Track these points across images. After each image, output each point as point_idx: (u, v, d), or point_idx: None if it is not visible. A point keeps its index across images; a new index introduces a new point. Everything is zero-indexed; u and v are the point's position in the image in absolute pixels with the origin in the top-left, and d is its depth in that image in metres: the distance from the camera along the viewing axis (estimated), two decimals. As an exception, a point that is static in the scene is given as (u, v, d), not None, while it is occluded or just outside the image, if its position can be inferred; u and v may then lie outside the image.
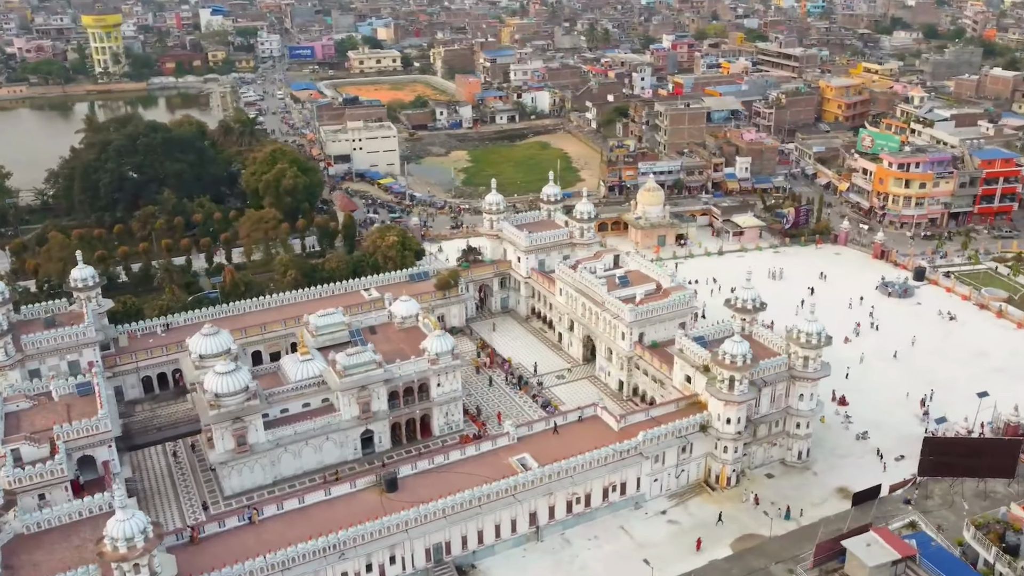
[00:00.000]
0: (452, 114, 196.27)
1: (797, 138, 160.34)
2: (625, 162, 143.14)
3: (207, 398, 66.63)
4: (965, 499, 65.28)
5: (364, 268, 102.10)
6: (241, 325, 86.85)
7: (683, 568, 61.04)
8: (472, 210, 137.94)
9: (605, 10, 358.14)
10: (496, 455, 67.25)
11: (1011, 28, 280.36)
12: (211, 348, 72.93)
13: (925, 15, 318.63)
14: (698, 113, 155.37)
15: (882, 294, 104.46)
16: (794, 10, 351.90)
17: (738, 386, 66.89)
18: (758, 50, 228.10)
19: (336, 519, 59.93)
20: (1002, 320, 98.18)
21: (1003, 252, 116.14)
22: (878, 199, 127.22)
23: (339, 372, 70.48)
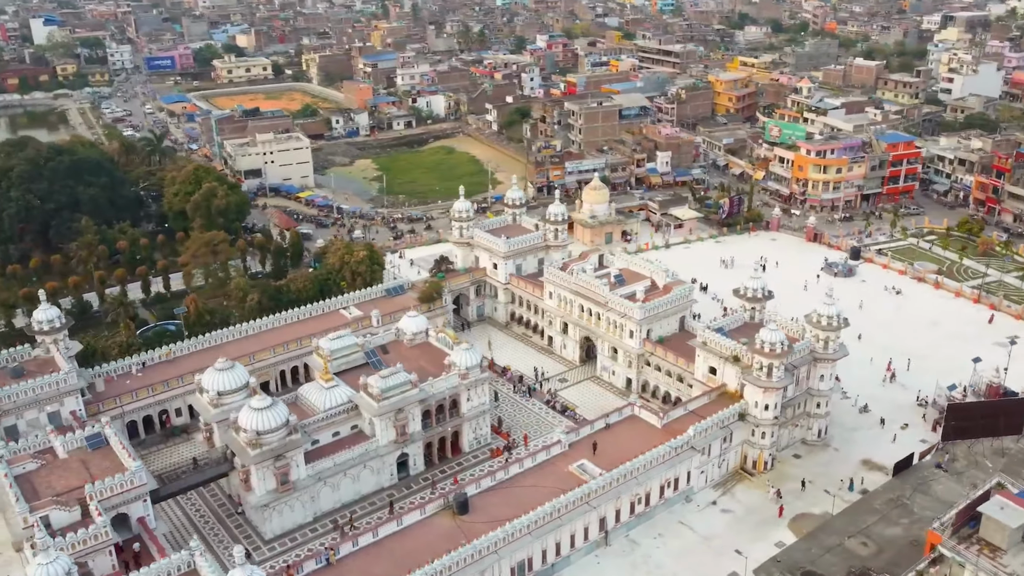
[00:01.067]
0: (348, 122, 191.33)
1: (699, 131, 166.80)
2: (552, 162, 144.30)
3: (246, 437, 62.14)
4: (987, 458, 70.41)
5: (331, 286, 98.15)
6: (231, 356, 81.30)
7: (757, 554, 62.44)
8: (405, 219, 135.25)
9: (463, 11, 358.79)
10: (554, 464, 66.48)
11: (849, 21, 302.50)
12: (229, 383, 67.95)
13: (768, 10, 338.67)
14: (611, 111, 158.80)
15: (828, 274, 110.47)
16: (646, 8, 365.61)
17: (776, 372, 69.18)
18: (638, 48, 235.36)
19: (414, 548, 57.55)
20: (940, 291, 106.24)
21: (918, 228, 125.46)
22: (798, 185, 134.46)
23: (376, 396, 67.50)
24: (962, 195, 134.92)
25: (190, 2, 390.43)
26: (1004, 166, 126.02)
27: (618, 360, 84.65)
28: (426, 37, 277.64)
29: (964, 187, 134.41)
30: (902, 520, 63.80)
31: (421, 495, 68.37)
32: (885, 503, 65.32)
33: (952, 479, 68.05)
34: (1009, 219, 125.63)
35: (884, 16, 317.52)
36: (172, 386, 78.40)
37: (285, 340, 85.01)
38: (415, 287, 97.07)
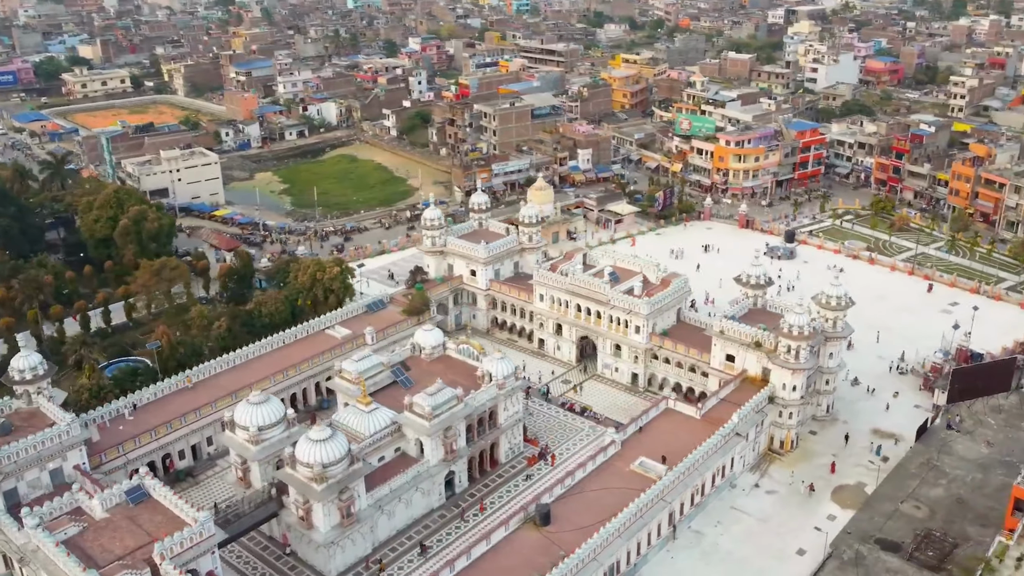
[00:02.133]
0: (238, 134, 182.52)
1: (604, 127, 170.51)
2: (479, 165, 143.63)
3: (310, 472, 58.45)
4: (987, 415, 76.38)
5: (312, 306, 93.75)
6: (226, 390, 76.58)
7: (825, 530, 64.91)
8: (339, 232, 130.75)
9: (317, 15, 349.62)
10: (614, 465, 66.63)
11: (701, 17, 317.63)
12: (268, 417, 63.66)
13: (621, 8, 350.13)
14: (524, 111, 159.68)
15: (771, 258, 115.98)
16: (502, 8, 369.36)
17: (803, 354, 72.21)
18: (519, 48, 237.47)
19: (512, 566, 56.45)
20: (876, 267, 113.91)
21: (832, 209, 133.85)
22: (719, 175, 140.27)
23: (427, 415, 65.18)
24: (863, 176, 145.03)
25: (6, 11, 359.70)
26: (903, 147, 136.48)
27: (622, 356, 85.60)
28: (294, 43, 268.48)
29: (865, 169, 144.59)
30: (940, 481, 68.21)
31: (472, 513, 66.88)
32: (918, 467, 69.62)
33: (966, 438, 73.39)
34: (910, 196, 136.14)
35: (730, 11, 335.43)
36: (175, 427, 72.74)
37: (282, 367, 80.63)
38: (395, 300, 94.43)
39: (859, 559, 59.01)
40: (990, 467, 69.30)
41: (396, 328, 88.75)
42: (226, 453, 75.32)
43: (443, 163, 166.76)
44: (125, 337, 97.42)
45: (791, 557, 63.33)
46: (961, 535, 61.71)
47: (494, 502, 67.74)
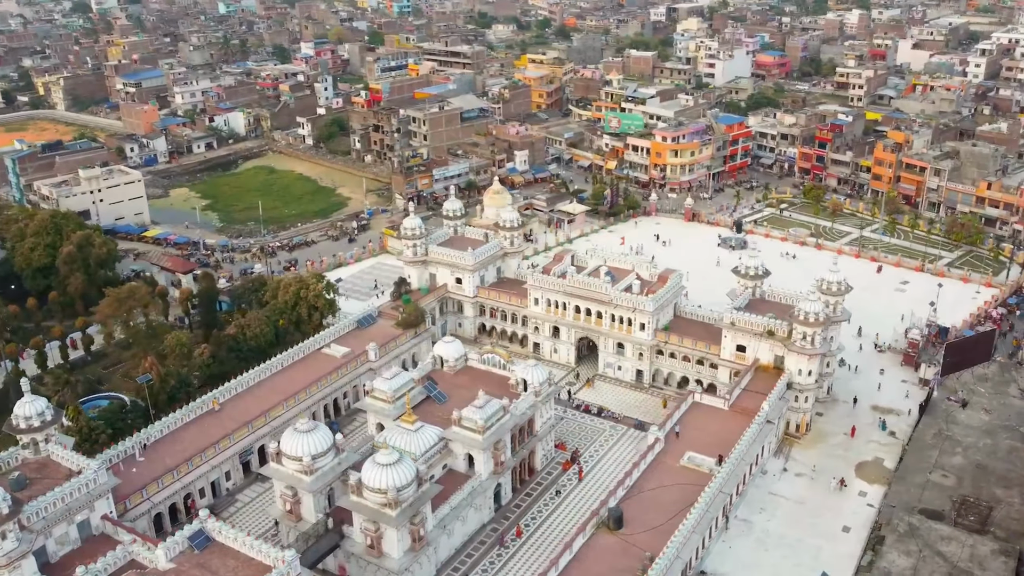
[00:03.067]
0: (143, 149, 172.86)
1: (528, 128, 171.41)
2: (419, 171, 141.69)
3: (382, 498, 56.45)
4: (976, 384, 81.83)
5: (286, 326, 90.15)
6: (238, 420, 72.89)
7: (855, 505, 67.99)
8: (286, 247, 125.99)
9: (188, 21, 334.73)
10: (663, 462, 67.38)
11: (587, 16, 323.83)
12: (319, 445, 60.91)
13: (504, 8, 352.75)
14: (453, 114, 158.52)
15: (725, 248, 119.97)
16: (383, 9, 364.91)
17: (818, 340, 75.26)
18: (422, 50, 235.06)
19: (602, 572, 56.27)
20: (824, 252, 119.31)
21: (768, 198, 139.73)
22: (656, 170, 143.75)
23: (479, 428, 64.11)
24: (787, 166, 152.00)
25: None
26: (826, 137, 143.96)
27: (625, 354, 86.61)
28: (178, 51, 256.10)
29: (788, 159, 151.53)
30: (956, 450, 72.56)
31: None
32: (933, 439, 73.81)
33: (965, 407, 78.37)
34: (834, 182, 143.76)
35: (612, 10, 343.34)
36: (196, 464, 68.51)
37: (290, 392, 77.17)
38: (383, 314, 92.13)
39: (913, 530, 62.10)
40: (995, 432, 74.36)
41: (396, 343, 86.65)
42: (245, 488, 72.09)
43: (370, 171, 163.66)
44: (87, 371, 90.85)
45: (838, 535, 65.94)
46: (992, 498, 66.01)
47: (529, 523, 67.12)
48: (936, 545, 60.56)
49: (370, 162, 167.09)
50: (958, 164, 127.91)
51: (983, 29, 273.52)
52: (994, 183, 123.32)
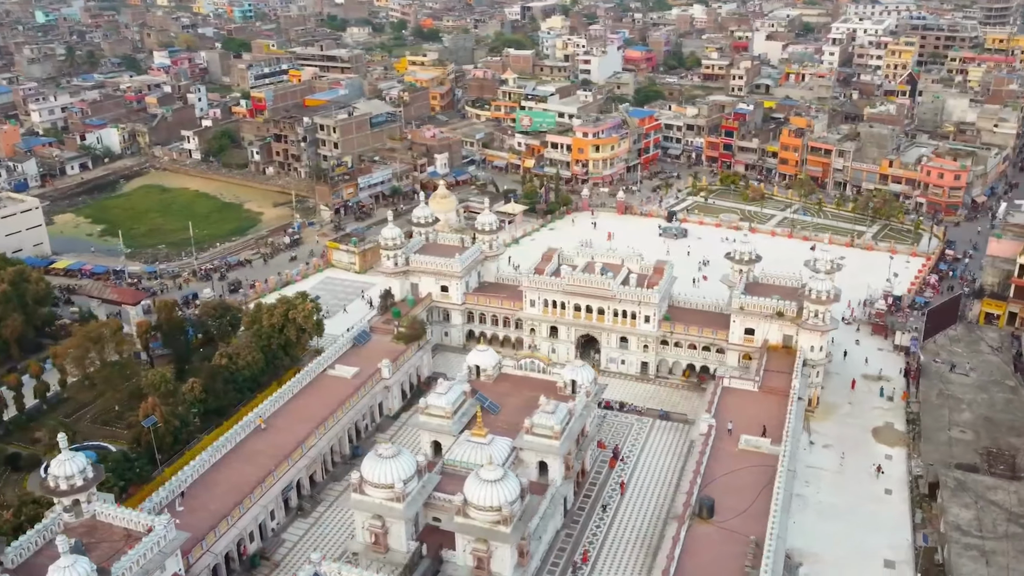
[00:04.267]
0: (11, 173, 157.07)
1: (431, 129, 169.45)
2: (344, 180, 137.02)
3: (494, 516, 54.79)
4: (951, 345, 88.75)
5: (276, 351, 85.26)
6: (274, 456, 68.35)
7: (899, 469, 72.46)
8: (219, 268, 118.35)
9: (4, 31, 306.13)
10: (722, 448, 68.83)
11: (446, 17, 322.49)
12: (406, 470, 58.20)
13: (354, 11, 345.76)
14: (363, 120, 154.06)
15: (667, 237, 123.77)
16: (224, 14, 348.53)
17: (827, 316, 79.35)
18: (295, 56, 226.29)
19: (713, 561, 57.09)
20: (759, 235, 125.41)
21: (686, 187, 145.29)
22: (578, 166, 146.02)
23: (556, 434, 63.33)
24: (695, 155, 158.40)
25: None
26: (732, 126, 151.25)
27: (629, 348, 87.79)
28: (16, 64, 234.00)
29: (696, 148, 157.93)
30: (961, 407, 78.29)
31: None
32: (938, 399, 79.41)
33: (948, 366, 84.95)
34: (742, 168, 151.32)
35: (463, 10, 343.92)
36: (247, 506, 63.60)
37: (316, 418, 73.00)
38: (375, 329, 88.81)
39: (961, 484, 66.79)
40: (986, 388, 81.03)
41: (404, 357, 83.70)
42: (287, 526, 67.82)
43: (274, 183, 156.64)
44: (50, 418, 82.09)
45: (884, 498, 69.91)
46: (1009, 447, 71.97)
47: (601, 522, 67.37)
48: (986, 495, 65.47)
49: (272, 174, 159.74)
50: (859, 145, 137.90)
51: (814, 20, 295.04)
52: (895, 161, 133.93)
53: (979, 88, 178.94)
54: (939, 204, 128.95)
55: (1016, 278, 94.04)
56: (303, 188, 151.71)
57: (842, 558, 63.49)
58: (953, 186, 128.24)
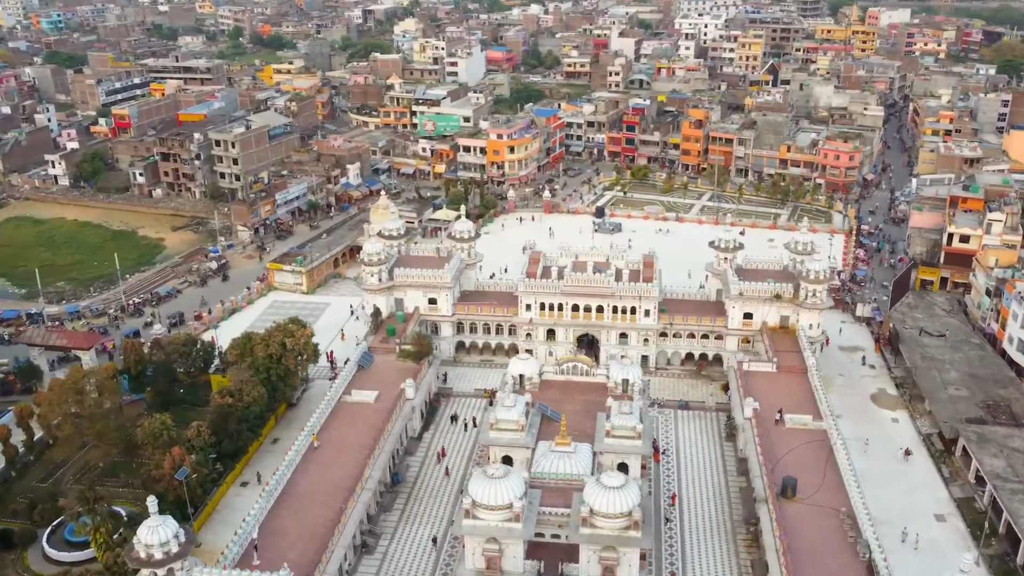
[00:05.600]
0: None
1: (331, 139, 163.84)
2: (261, 198, 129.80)
3: (624, 522, 54.44)
4: (912, 312, 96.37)
5: (276, 383, 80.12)
6: (328, 502, 64.43)
7: (910, 430, 78.13)
8: (148, 302, 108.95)
9: None
10: (770, 431, 71.38)
11: (284, 23, 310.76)
12: (520, 488, 55.95)
13: (180, 18, 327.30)
14: (261, 134, 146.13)
15: (603, 233, 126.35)
16: (28, 26, 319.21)
17: (823, 294, 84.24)
18: (148, 68, 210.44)
19: (820, 535, 59.48)
20: (687, 224, 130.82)
21: (599, 182, 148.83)
22: (494, 168, 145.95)
23: (637, 434, 63.77)
24: (597, 151, 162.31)
25: None
26: (634, 120, 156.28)
27: (630, 343, 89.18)
28: None
29: (597, 144, 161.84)
30: (946, 367, 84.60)
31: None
32: (924, 361, 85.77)
33: (918, 331, 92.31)
34: (644, 161, 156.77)
35: (297, 15, 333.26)
36: (331, 550, 59.47)
37: (361, 449, 69.25)
38: (374, 349, 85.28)
39: (982, 437, 72.97)
40: (958, 347, 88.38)
41: (419, 376, 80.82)
42: (358, 566, 64.20)
43: (165, 206, 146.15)
44: (19, 485, 73.09)
45: (906, 459, 75.20)
46: (1001, 398, 79.32)
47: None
48: (1007, 444, 71.95)
49: (161, 196, 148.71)
50: (757, 133, 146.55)
51: (647, 17, 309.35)
52: (792, 146, 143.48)
53: (828, 75, 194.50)
54: (837, 183, 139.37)
55: (946, 246, 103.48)
56: (202, 209, 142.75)
57: (898, 518, 67.45)
58: (848, 166, 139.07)
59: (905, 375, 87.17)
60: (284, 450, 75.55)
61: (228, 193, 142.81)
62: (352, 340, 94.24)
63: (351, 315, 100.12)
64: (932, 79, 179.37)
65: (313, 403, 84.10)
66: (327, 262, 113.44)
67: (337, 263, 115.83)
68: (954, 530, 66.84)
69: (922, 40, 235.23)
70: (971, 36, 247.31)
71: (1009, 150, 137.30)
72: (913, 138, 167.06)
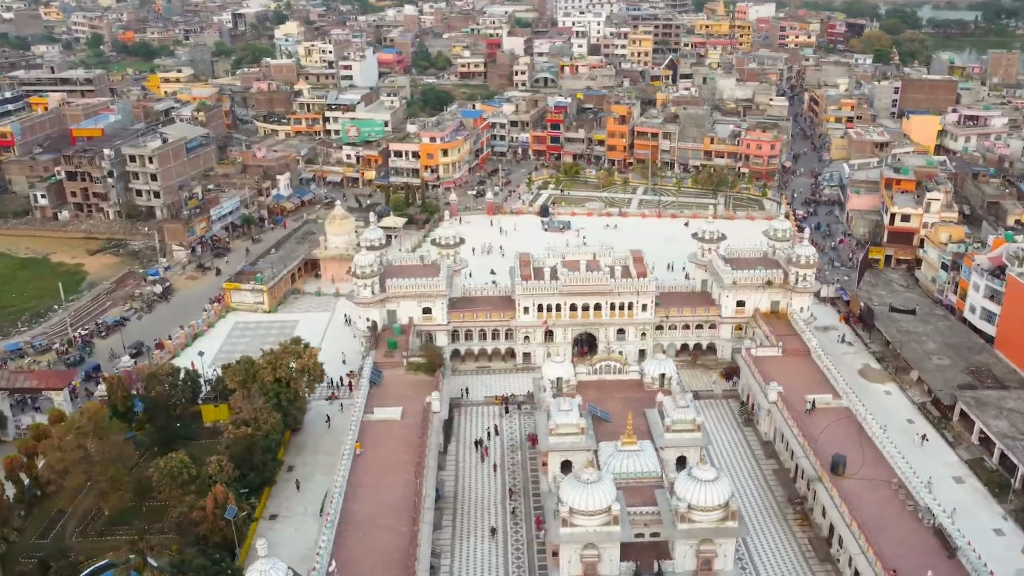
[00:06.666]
0: None
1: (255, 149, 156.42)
2: (196, 215, 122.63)
3: (725, 510, 55.43)
4: (877, 291, 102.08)
5: (288, 408, 76.39)
6: (394, 520, 62.20)
7: (904, 402, 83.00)
8: (95, 333, 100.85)
9: None
10: (796, 412, 73.87)
11: (148, 29, 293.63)
12: (612, 491, 55.96)
13: (27, 27, 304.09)
14: (179, 147, 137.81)
15: (553, 231, 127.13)
16: None
17: (811, 278, 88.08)
18: (19, 82, 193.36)
19: (881, 509, 62.29)
20: (631, 218, 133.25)
21: (533, 179, 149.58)
22: (428, 172, 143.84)
23: (696, 426, 64.85)
24: (521, 151, 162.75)
25: None
26: (558, 119, 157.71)
27: (627, 338, 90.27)
28: None
29: (522, 143, 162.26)
30: (923, 339, 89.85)
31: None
32: (902, 335, 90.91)
33: (888, 307, 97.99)
34: (570, 159, 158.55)
35: (156, 20, 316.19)
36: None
37: (405, 472, 66.89)
38: (379, 364, 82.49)
39: (979, 400, 78.28)
40: (926, 319, 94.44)
41: (440, 388, 78.66)
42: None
43: (75, 229, 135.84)
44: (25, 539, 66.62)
45: (909, 427, 79.70)
46: (979, 363, 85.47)
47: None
48: (1003, 405, 77.56)
49: (69, 219, 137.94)
50: (680, 126, 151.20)
51: (524, 16, 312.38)
52: (715, 137, 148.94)
53: (719, 67, 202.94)
54: (760, 172, 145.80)
55: (889, 225, 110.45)
56: (119, 230, 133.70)
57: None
58: (770, 155, 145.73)
59: (882, 350, 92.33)
60: (301, 477, 72.79)
61: (146, 211, 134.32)
62: (338, 356, 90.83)
63: (347, 324, 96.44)
64: (823, 69, 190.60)
65: (316, 426, 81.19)
66: (285, 278, 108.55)
67: (294, 278, 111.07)
68: (974, 490, 71.43)
69: (793, 33, 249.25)
70: (835, 28, 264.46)
71: (910, 134, 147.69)
72: (813, 126, 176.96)
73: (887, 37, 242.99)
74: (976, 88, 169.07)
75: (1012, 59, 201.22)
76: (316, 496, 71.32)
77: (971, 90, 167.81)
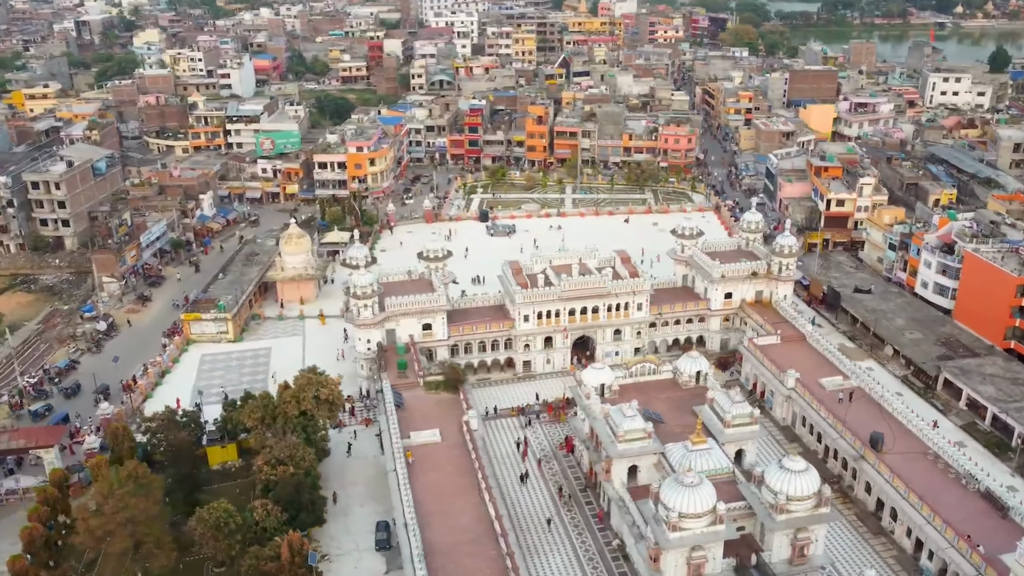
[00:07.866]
0: None
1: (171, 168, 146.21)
2: (126, 242, 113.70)
3: (816, 499, 57.78)
4: (833, 274, 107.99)
5: (315, 440, 73.02)
6: (482, 547, 61.00)
7: (888, 375, 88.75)
8: (50, 379, 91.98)
9: None
10: (820, 392, 77.59)
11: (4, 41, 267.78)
12: (714, 492, 57.05)
13: None
14: (86, 171, 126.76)
15: (500, 236, 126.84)
16: None
17: (792, 267, 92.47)
18: None
19: (928, 479, 66.58)
20: (569, 218, 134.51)
21: (463, 183, 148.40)
22: (356, 182, 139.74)
23: (753, 420, 67.16)
24: (440, 155, 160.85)
25: None
26: (476, 122, 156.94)
27: (623, 338, 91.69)
28: None
29: (439, 148, 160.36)
30: (892, 317, 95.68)
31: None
32: (871, 314, 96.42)
33: (848, 288, 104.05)
34: (489, 161, 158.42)
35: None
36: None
37: (468, 497, 65.53)
38: (396, 387, 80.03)
39: (963, 369, 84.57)
40: (887, 297, 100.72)
41: (464, 405, 77.18)
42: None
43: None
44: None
45: (898, 399, 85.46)
46: (949, 334, 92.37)
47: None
48: (983, 372, 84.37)
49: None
50: (598, 124, 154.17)
51: (388, 17, 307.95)
52: (632, 134, 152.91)
53: (609, 65, 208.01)
54: (679, 165, 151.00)
55: (825, 211, 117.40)
56: (24, 264, 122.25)
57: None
58: (687, 148, 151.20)
59: (851, 329, 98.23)
60: (339, 512, 69.76)
61: (54, 242, 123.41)
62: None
63: (344, 341, 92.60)
64: (711, 63, 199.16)
65: (336, 456, 77.74)
66: (244, 304, 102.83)
67: (251, 304, 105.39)
68: (977, 452, 77.31)
69: (662, 28, 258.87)
70: (699, 23, 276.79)
71: (809, 123, 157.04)
72: (709, 118, 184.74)
73: (753, 30, 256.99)
74: (853, 76, 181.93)
75: (871, 48, 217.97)
76: (360, 529, 68.78)
77: (848, 78, 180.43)
